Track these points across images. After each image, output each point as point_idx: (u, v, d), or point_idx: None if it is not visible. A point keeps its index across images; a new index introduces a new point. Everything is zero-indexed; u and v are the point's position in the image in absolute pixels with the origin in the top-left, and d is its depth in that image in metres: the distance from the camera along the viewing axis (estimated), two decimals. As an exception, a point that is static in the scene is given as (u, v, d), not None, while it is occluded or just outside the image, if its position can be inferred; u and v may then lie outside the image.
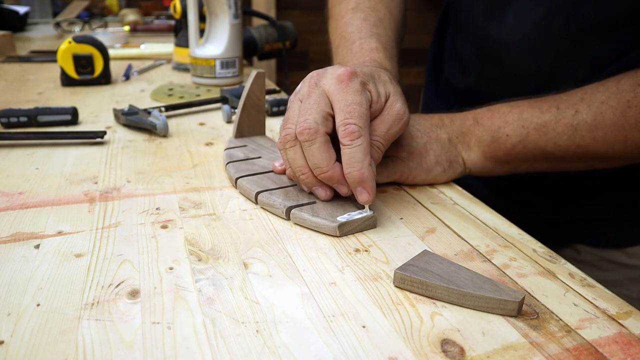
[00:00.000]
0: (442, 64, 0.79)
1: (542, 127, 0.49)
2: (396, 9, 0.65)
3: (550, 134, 0.49)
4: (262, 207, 0.46)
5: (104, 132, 0.62)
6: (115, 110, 0.70)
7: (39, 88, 0.88)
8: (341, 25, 0.62)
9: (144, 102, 0.81)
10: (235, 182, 0.49)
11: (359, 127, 0.40)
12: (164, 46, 1.26)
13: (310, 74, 0.45)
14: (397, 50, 0.61)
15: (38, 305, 0.32)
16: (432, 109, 0.79)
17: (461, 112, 0.54)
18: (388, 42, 0.59)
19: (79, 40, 0.87)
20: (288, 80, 1.22)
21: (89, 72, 0.88)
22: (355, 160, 0.40)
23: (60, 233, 0.41)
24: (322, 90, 0.42)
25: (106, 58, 0.90)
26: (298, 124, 0.41)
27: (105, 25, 1.61)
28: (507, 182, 0.62)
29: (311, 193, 0.46)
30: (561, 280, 0.37)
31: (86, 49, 0.87)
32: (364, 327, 0.31)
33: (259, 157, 0.54)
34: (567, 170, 0.53)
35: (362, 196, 0.41)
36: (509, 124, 0.51)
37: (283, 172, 0.49)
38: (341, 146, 0.41)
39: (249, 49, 1.08)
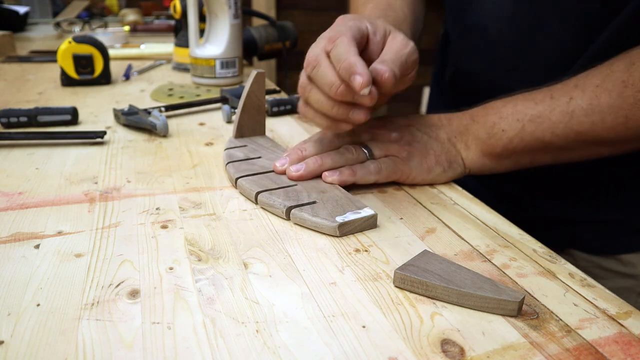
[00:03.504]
0: (445, 67, 0.79)
1: (537, 118, 0.49)
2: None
3: (546, 123, 0.49)
4: (262, 207, 0.46)
5: (104, 132, 0.62)
6: (115, 110, 0.70)
7: (39, 88, 0.88)
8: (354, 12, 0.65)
9: (144, 102, 0.81)
10: (235, 182, 0.49)
11: (337, 32, 0.44)
12: (164, 46, 1.26)
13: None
14: (409, 29, 0.62)
15: (38, 305, 0.32)
16: (437, 111, 0.80)
17: (459, 112, 0.55)
18: (396, 21, 0.60)
19: (79, 40, 0.87)
20: (288, 80, 1.22)
21: (89, 72, 0.88)
22: (340, 53, 0.42)
23: (60, 233, 0.41)
24: (323, 36, 0.47)
25: (106, 58, 0.90)
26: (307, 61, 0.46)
27: (105, 25, 1.61)
28: (500, 179, 0.62)
29: (311, 193, 0.46)
30: (561, 280, 0.37)
31: (86, 49, 0.87)
32: (364, 327, 0.31)
33: (259, 157, 0.54)
34: (573, 160, 0.52)
35: (356, 81, 0.41)
36: (504, 119, 0.51)
37: (283, 173, 0.50)
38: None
39: (249, 49, 1.08)
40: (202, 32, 0.94)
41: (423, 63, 0.66)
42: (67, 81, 0.89)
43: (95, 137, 0.61)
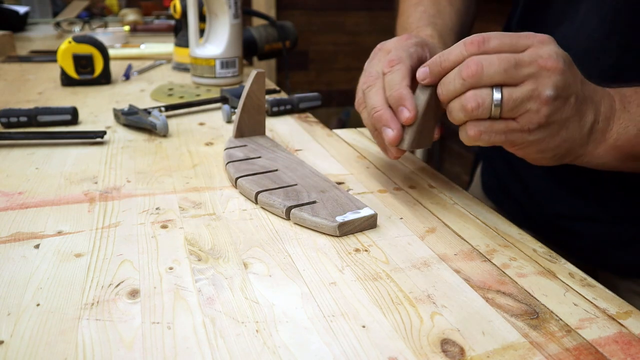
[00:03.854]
0: None
1: None
2: (458, 1, 0.66)
3: None
4: (262, 207, 0.46)
5: (104, 132, 0.62)
6: (115, 110, 0.70)
7: (39, 88, 0.88)
8: (404, 19, 0.65)
9: (144, 102, 0.81)
10: (235, 182, 0.49)
11: (398, 57, 0.44)
12: (164, 46, 1.26)
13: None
14: (455, 38, 0.61)
15: (38, 305, 0.32)
16: None
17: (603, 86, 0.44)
18: (444, 30, 0.60)
19: (79, 40, 0.87)
20: (288, 80, 1.22)
21: (89, 72, 0.88)
22: (394, 82, 0.43)
23: (60, 233, 0.41)
24: (380, 49, 0.49)
25: (106, 58, 0.90)
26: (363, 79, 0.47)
27: (105, 25, 1.61)
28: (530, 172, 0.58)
29: (311, 193, 0.46)
30: (561, 280, 0.37)
31: (86, 49, 0.87)
32: (363, 327, 0.31)
33: (259, 157, 0.54)
34: None
35: (403, 114, 0.42)
36: None
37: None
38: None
39: (249, 49, 1.08)
40: (202, 32, 0.94)
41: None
42: (67, 81, 0.88)
43: (95, 137, 0.61)
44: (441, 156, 2.49)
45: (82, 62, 0.87)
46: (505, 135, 0.39)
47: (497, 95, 0.38)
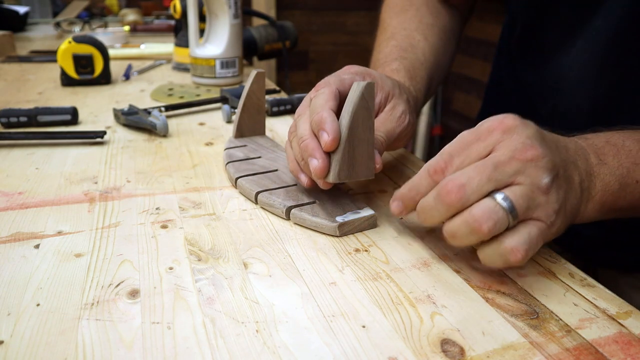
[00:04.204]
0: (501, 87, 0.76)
1: None
2: (434, 36, 0.64)
3: None
4: (262, 207, 0.46)
5: (104, 132, 0.62)
6: (115, 110, 0.70)
7: (39, 88, 0.88)
8: (376, 54, 0.63)
9: (144, 102, 0.81)
10: (235, 182, 0.49)
11: (325, 81, 0.43)
12: (164, 46, 1.26)
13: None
14: (426, 73, 0.59)
15: (38, 305, 0.32)
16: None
17: (573, 136, 0.42)
18: (414, 64, 0.58)
19: (79, 40, 0.87)
20: (288, 80, 1.22)
21: (89, 72, 0.88)
22: (317, 105, 0.41)
23: (60, 233, 0.41)
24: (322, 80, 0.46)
25: (106, 58, 0.90)
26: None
27: (105, 25, 1.61)
28: None
29: (312, 193, 0.46)
30: (561, 280, 0.37)
31: (86, 49, 0.87)
32: (363, 327, 0.31)
33: (259, 157, 0.54)
34: None
35: (322, 138, 0.39)
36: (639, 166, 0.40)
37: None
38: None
39: (249, 49, 1.08)
40: (202, 32, 0.94)
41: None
42: (67, 81, 0.88)
43: (95, 137, 0.61)
44: (441, 156, 2.49)
45: (82, 62, 0.87)
46: (543, 238, 0.34)
47: (504, 203, 0.33)
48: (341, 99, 0.42)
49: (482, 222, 0.32)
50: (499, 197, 0.33)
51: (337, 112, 0.40)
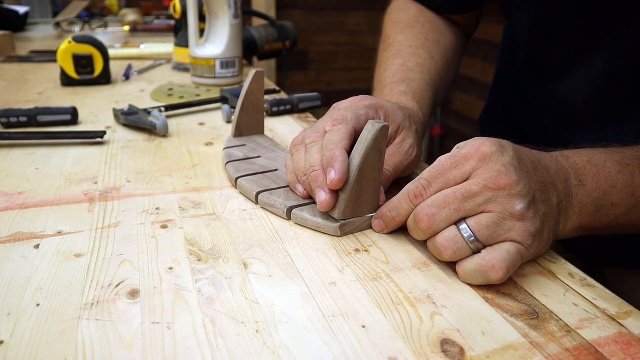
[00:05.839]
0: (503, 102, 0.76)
1: None
2: (439, 54, 0.64)
3: None
4: (262, 207, 0.46)
5: (104, 132, 0.62)
6: (115, 110, 0.70)
7: (39, 88, 0.88)
8: (380, 72, 0.63)
9: (144, 102, 0.81)
10: (235, 182, 0.49)
11: (342, 117, 0.43)
12: (164, 46, 1.26)
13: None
14: (432, 94, 0.59)
15: (38, 305, 0.32)
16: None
17: (549, 152, 0.42)
18: (421, 85, 0.58)
19: (79, 40, 0.87)
20: (288, 80, 1.22)
21: (89, 72, 0.88)
22: (330, 141, 0.41)
23: (60, 233, 0.41)
24: (334, 107, 0.47)
25: (106, 58, 0.90)
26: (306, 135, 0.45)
27: (105, 25, 1.61)
28: None
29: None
30: (561, 280, 0.37)
31: (86, 49, 0.87)
32: (363, 327, 0.31)
33: (259, 157, 0.54)
34: None
35: (329, 175, 0.39)
36: (617, 190, 0.40)
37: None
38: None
39: (249, 49, 1.08)
40: (202, 32, 0.94)
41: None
42: (67, 81, 0.88)
43: (95, 137, 0.61)
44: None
45: (82, 62, 0.87)
46: (521, 257, 0.36)
47: (465, 233, 0.35)
48: (356, 135, 0.42)
49: (442, 250, 0.36)
50: (462, 226, 0.36)
51: (349, 149, 0.41)
